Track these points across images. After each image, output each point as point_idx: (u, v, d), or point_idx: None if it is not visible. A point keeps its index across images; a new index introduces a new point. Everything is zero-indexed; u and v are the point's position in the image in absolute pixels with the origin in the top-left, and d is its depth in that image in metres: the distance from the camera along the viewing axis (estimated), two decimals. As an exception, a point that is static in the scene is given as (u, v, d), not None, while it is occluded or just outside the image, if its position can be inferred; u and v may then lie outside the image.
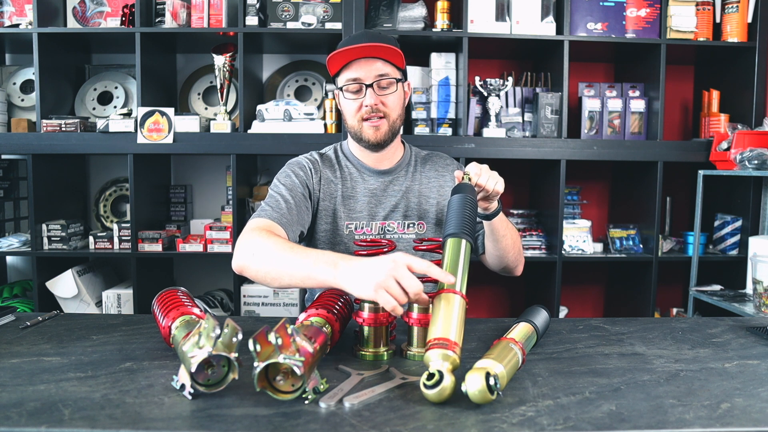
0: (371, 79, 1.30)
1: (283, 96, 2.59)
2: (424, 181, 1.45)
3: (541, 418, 0.73)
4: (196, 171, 2.66)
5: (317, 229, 1.38)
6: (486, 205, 1.23)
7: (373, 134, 1.33)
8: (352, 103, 1.33)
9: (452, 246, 0.95)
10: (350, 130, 1.37)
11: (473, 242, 0.96)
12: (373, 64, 1.30)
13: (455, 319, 0.85)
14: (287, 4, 2.31)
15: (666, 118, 2.59)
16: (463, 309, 0.87)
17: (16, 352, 0.97)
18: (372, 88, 1.30)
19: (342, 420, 0.72)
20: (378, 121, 1.32)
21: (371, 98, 1.30)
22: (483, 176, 1.15)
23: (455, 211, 1.01)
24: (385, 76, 1.31)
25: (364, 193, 1.40)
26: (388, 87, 1.32)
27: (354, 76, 1.31)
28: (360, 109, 1.32)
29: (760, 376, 0.90)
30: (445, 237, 0.98)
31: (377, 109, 1.31)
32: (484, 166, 1.18)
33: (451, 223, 0.99)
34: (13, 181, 2.54)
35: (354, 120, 1.34)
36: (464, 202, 1.02)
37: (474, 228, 1.00)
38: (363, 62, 1.30)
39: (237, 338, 0.78)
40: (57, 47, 2.35)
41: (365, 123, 1.33)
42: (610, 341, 1.08)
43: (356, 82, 1.31)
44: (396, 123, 1.36)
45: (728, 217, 2.43)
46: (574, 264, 2.63)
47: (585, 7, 2.33)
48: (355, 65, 1.30)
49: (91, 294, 2.36)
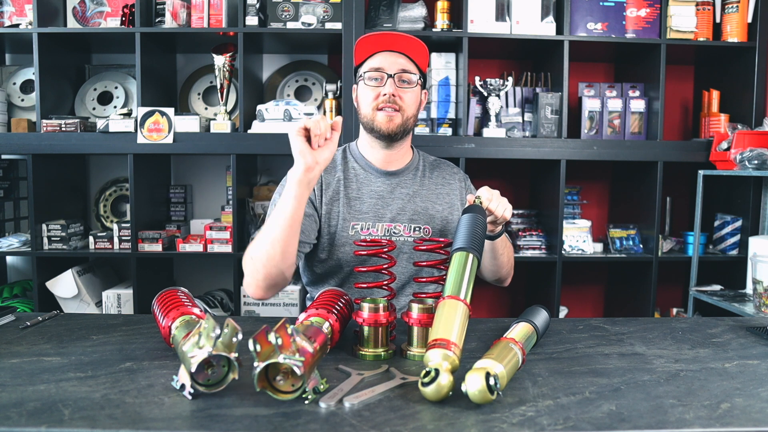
0: (394, 70, 1.33)
1: (283, 96, 2.59)
2: (432, 187, 1.45)
3: (541, 418, 0.73)
4: (196, 171, 2.66)
5: (325, 231, 1.37)
6: (492, 228, 1.26)
7: (386, 124, 1.34)
8: (370, 91, 1.34)
9: (460, 259, 0.97)
10: (363, 119, 1.38)
11: (480, 259, 0.98)
12: (398, 58, 1.34)
13: (457, 324, 0.86)
14: (287, 4, 2.31)
15: (666, 118, 2.59)
16: (465, 316, 0.89)
17: (16, 352, 0.97)
18: (393, 79, 1.33)
19: (342, 420, 0.72)
20: (393, 113, 1.34)
21: (390, 87, 1.32)
22: (494, 202, 1.18)
23: (465, 228, 1.03)
24: (407, 72, 1.34)
25: (370, 194, 1.39)
26: (408, 82, 1.35)
27: (378, 65, 1.34)
28: (377, 98, 1.34)
29: (760, 376, 0.90)
30: (453, 251, 0.99)
31: (394, 101, 1.33)
32: (495, 192, 1.20)
33: (460, 238, 1.01)
34: (13, 181, 2.54)
35: (369, 109, 1.35)
36: (474, 222, 1.04)
37: (482, 247, 1.02)
38: (389, 54, 1.34)
39: (237, 338, 0.78)
40: (57, 47, 2.35)
41: (379, 112, 1.34)
42: (610, 341, 1.08)
43: (379, 71, 1.33)
44: (409, 120, 1.37)
45: (728, 217, 2.43)
46: (574, 264, 2.63)
47: (585, 7, 2.33)
48: (380, 56, 1.34)
49: (91, 294, 2.36)
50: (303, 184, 1.11)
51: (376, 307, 0.97)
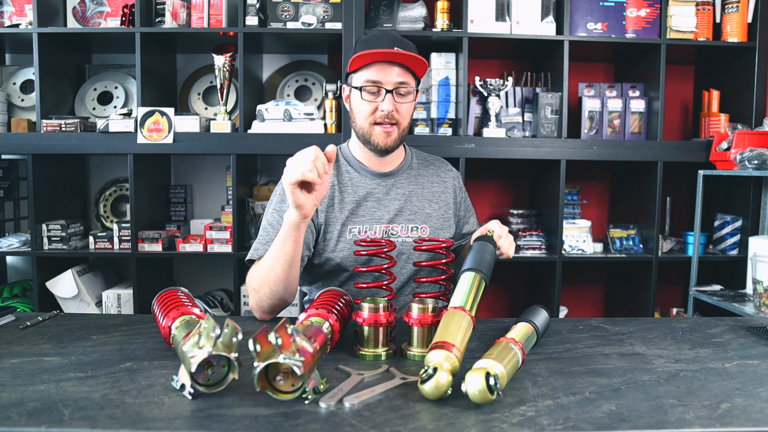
0: (392, 85, 1.29)
1: (283, 96, 2.59)
2: (426, 185, 1.45)
3: (541, 418, 0.73)
4: (196, 171, 2.66)
5: (323, 237, 1.36)
6: None
7: (383, 140, 1.33)
8: (366, 105, 1.31)
9: (470, 278, 0.99)
10: (358, 131, 1.36)
11: (487, 283, 1.02)
12: (394, 69, 1.29)
13: (461, 331, 0.87)
14: (287, 4, 2.31)
15: (666, 118, 2.59)
16: (470, 327, 0.90)
17: (16, 352, 0.97)
18: (391, 94, 1.29)
19: (342, 420, 0.72)
20: (390, 128, 1.32)
21: (389, 104, 1.29)
22: (504, 239, 1.22)
23: (477, 254, 1.06)
24: (405, 85, 1.31)
25: (365, 197, 1.38)
26: (406, 95, 1.32)
27: (375, 79, 1.29)
28: (374, 113, 1.31)
29: (760, 376, 0.90)
30: (464, 270, 1.02)
31: (391, 116, 1.31)
32: (505, 228, 1.23)
33: (473, 261, 1.04)
34: (13, 181, 2.54)
35: (365, 122, 1.33)
36: (485, 249, 1.08)
37: (491, 273, 1.05)
38: (386, 66, 1.29)
39: (237, 338, 0.78)
40: (57, 47, 2.35)
41: (376, 127, 1.32)
42: (610, 341, 1.08)
43: (376, 84, 1.30)
44: (405, 131, 1.36)
45: (728, 217, 2.43)
46: (574, 264, 2.63)
47: (585, 7, 2.33)
48: (376, 67, 1.29)
49: (91, 294, 2.36)
50: (302, 226, 1.13)
51: (376, 307, 0.97)
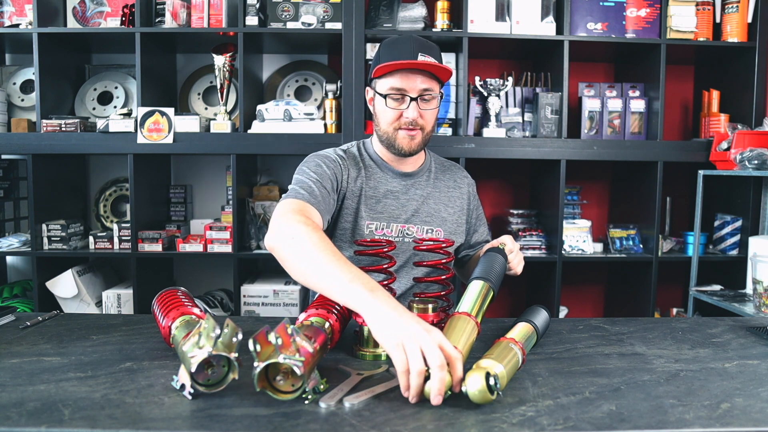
0: (416, 92, 1.29)
1: (283, 96, 2.59)
2: (443, 189, 1.46)
3: (541, 418, 0.73)
4: (196, 171, 2.66)
5: (338, 227, 1.36)
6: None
7: (407, 144, 1.33)
8: (391, 111, 1.31)
9: (479, 286, 1.00)
10: (382, 135, 1.36)
11: (495, 293, 1.02)
12: (419, 77, 1.29)
13: (465, 336, 0.88)
14: (287, 4, 2.31)
15: (666, 118, 2.59)
16: (474, 332, 0.91)
17: (16, 352, 0.97)
18: (416, 101, 1.29)
19: (342, 420, 0.72)
20: (414, 132, 1.32)
21: (414, 111, 1.29)
22: (515, 255, 1.23)
23: (488, 264, 1.07)
24: (429, 91, 1.30)
25: (385, 194, 1.39)
26: (430, 101, 1.32)
27: (399, 86, 1.29)
28: (398, 119, 1.31)
29: (760, 376, 0.90)
30: (474, 278, 1.03)
31: (415, 123, 1.31)
32: (517, 244, 1.24)
33: (483, 270, 1.05)
34: (13, 181, 2.54)
35: (390, 128, 1.33)
36: (496, 261, 1.09)
37: (499, 284, 1.06)
38: (410, 74, 1.28)
39: (237, 338, 0.78)
40: (57, 47, 2.35)
41: (401, 131, 1.32)
42: (610, 341, 1.08)
43: (400, 92, 1.29)
44: (429, 135, 1.36)
45: (728, 217, 2.43)
46: (574, 264, 2.63)
47: (585, 7, 2.33)
48: (401, 75, 1.28)
49: (91, 294, 2.36)
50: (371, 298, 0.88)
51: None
